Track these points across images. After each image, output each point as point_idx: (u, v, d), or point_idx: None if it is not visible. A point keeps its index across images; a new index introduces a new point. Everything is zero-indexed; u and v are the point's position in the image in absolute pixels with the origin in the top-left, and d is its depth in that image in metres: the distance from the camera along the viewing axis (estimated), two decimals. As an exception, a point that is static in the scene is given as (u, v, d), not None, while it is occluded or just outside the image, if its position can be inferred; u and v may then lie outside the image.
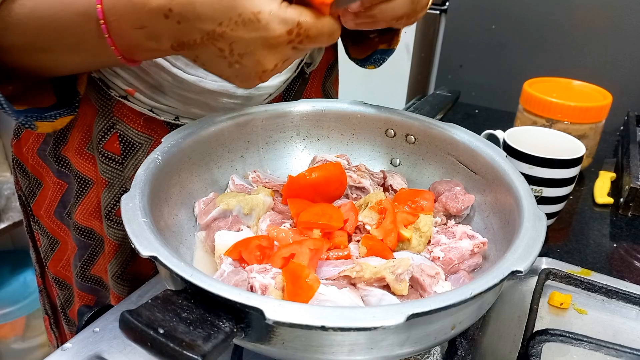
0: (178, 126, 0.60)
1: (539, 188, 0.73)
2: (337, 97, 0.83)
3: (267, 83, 0.60)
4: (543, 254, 0.69)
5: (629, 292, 0.59)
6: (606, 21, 1.41)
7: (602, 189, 0.90)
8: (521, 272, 0.37)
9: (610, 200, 0.87)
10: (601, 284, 0.60)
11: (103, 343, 0.50)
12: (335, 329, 0.31)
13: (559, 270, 0.62)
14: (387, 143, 0.63)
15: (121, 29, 0.43)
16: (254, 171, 0.59)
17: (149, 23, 0.42)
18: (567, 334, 0.51)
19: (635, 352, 0.50)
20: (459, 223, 0.55)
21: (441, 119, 0.70)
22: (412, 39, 1.69)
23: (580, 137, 0.84)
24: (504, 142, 0.76)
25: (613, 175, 0.95)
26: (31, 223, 0.74)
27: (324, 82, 0.78)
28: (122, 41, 0.44)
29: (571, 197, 0.83)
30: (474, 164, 0.56)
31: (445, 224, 0.55)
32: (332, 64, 0.79)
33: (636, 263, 0.73)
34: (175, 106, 0.60)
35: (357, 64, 0.73)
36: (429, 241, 0.51)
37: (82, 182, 0.65)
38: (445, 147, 0.59)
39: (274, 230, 0.50)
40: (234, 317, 0.32)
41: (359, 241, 0.50)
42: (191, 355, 0.29)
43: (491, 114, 1.28)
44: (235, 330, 0.32)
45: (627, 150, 0.96)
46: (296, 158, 0.63)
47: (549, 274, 0.62)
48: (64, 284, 0.76)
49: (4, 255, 1.63)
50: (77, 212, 0.67)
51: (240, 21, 0.40)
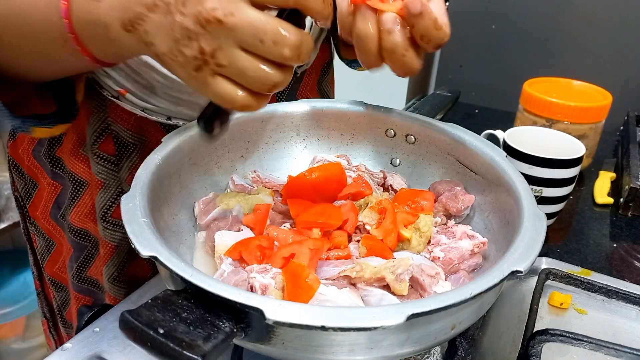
0: (171, 127, 0.60)
1: (539, 188, 0.73)
2: (333, 97, 0.83)
3: None
4: (543, 254, 0.69)
5: (629, 292, 0.59)
6: (606, 21, 1.41)
7: (602, 189, 0.90)
8: (521, 272, 0.37)
9: (610, 200, 0.87)
10: (601, 284, 0.60)
11: (103, 343, 0.50)
12: (335, 329, 0.31)
13: (559, 270, 0.62)
14: (387, 143, 0.63)
15: (75, 20, 0.40)
16: (254, 171, 0.59)
17: (90, 6, 0.39)
18: (567, 334, 0.51)
19: (635, 352, 0.50)
20: (459, 223, 0.55)
21: (441, 119, 0.70)
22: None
23: (580, 137, 0.84)
24: (504, 142, 0.76)
25: (613, 175, 0.95)
26: (28, 225, 0.74)
27: (320, 81, 0.78)
28: (81, 35, 0.41)
29: (571, 197, 0.83)
30: (474, 164, 0.56)
31: (445, 224, 0.55)
32: (328, 63, 0.79)
33: (636, 263, 0.73)
34: (166, 107, 0.60)
35: (346, 64, 0.73)
36: (429, 241, 0.51)
37: (76, 183, 0.65)
38: (445, 147, 0.59)
39: (274, 230, 0.50)
40: (234, 317, 0.32)
41: (359, 241, 0.50)
42: (191, 355, 0.29)
43: (491, 114, 1.28)
44: (235, 330, 0.32)
45: (627, 150, 0.96)
46: (296, 158, 0.63)
47: (549, 274, 0.62)
48: (60, 285, 0.76)
49: (4, 255, 1.63)
50: (72, 213, 0.67)
51: None
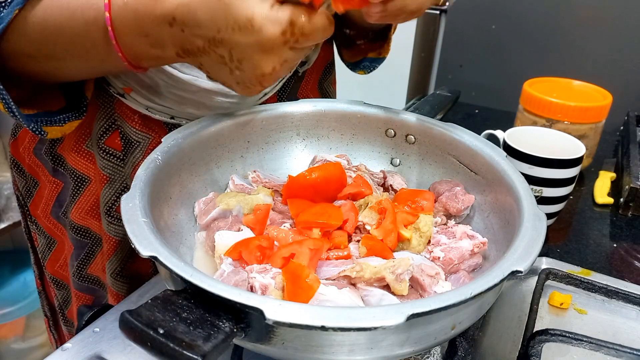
0: (175, 125, 0.60)
1: (539, 188, 0.73)
2: (335, 97, 0.83)
3: None
4: (543, 254, 0.69)
5: (629, 292, 0.59)
6: (606, 21, 1.41)
7: (602, 189, 0.90)
8: (521, 272, 0.37)
9: (610, 200, 0.87)
10: (601, 284, 0.60)
11: (103, 343, 0.50)
12: (335, 329, 0.31)
13: (559, 270, 0.62)
14: (387, 143, 0.63)
15: (127, 36, 0.45)
16: (254, 171, 0.59)
17: (154, 31, 0.44)
18: (567, 334, 0.51)
19: (635, 352, 0.50)
20: (459, 223, 0.55)
21: (441, 119, 0.70)
22: (412, 39, 1.69)
23: (580, 137, 0.84)
24: (504, 142, 0.76)
25: (613, 175, 0.95)
26: (29, 223, 0.74)
27: (321, 81, 0.78)
28: (128, 48, 0.46)
29: (571, 197, 0.83)
30: (474, 164, 0.56)
31: (445, 224, 0.55)
32: (330, 63, 0.79)
33: (636, 263, 0.73)
34: (170, 106, 0.60)
35: (348, 67, 0.74)
36: (429, 241, 0.51)
37: (78, 180, 0.65)
38: (445, 147, 0.59)
39: (274, 230, 0.50)
40: (234, 317, 0.32)
41: (359, 241, 0.50)
42: (191, 355, 0.29)
43: (491, 114, 1.28)
44: (235, 330, 0.32)
45: (627, 150, 0.96)
46: (296, 158, 0.63)
47: (549, 274, 0.62)
48: (61, 284, 0.76)
49: (4, 255, 1.63)
50: (73, 210, 0.67)
51: (237, 27, 0.41)
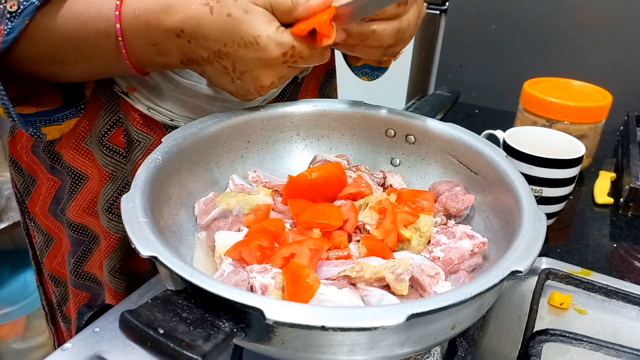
0: (174, 128, 0.61)
1: (539, 188, 0.73)
2: None
3: None
4: (543, 254, 0.69)
5: (629, 292, 0.59)
6: (606, 21, 1.41)
7: (602, 189, 0.90)
8: (521, 272, 0.37)
9: (610, 200, 0.87)
10: (601, 284, 0.60)
11: (103, 343, 0.50)
12: (335, 329, 0.31)
13: (559, 270, 0.62)
14: (387, 143, 0.63)
15: (135, 45, 0.48)
16: (254, 171, 0.59)
17: (162, 41, 0.47)
18: (567, 334, 0.51)
19: (635, 352, 0.50)
20: (459, 223, 0.55)
21: (441, 119, 0.70)
22: (412, 39, 1.69)
23: (580, 137, 0.84)
24: (504, 142, 0.76)
25: (613, 175, 0.95)
26: (27, 221, 0.75)
27: (322, 87, 0.78)
28: (135, 56, 0.49)
29: (571, 197, 0.83)
30: (474, 164, 0.56)
31: (445, 224, 0.55)
32: (331, 70, 0.79)
33: (636, 263, 0.73)
34: (170, 109, 0.61)
35: (352, 71, 0.74)
36: (429, 241, 0.51)
37: (75, 177, 0.65)
38: (445, 147, 0.59)
39: (272, 225, 0.50)
40: (234, 317, 0.32)
41: (359, 241, 0.50)
42: (191, 355, 0.29)
43: (491, 114, 1.28)
44: (235, 330, 0.32)
45: (627, 150, 0.96)
46: (296, 158, 0.63)
47: (549, 274, 0.62)
48: (59, 281, 0.76)
49: (4, 255, 1.63)
50: (70, 208, 0.67)
51: (243, 43, 0.45)
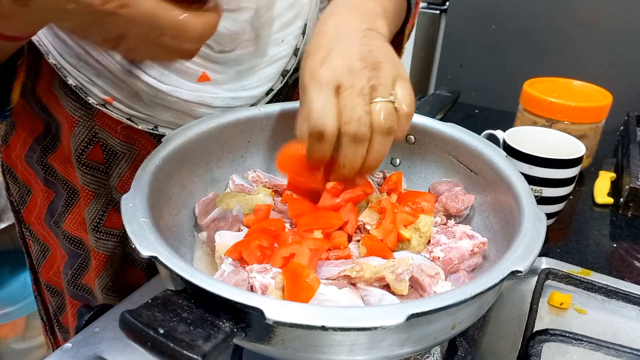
0: (159, 135, 0.58)
1: (539, 188, 0.73)
2: None
3: (245, 93, 0.59)
4: (543, 254, 0.69)
5: (629, 292, 0.59)
6: (606, 21, 1.41)
7: (602, 189, 0.90)
8: (521, 272, 0.37)
9: (610, 200, 0.87)
10: (601, 284, 0.60)
11: (103, 343, 0.50)
12: (335, 329, 0.31)
13: (559, 270, 0.62)
14: (387, 143, 0.63)
15: None
16: (254, 171, 0.59)
17: None
18: (567, 334, 0.51)
19: (635, 352, 0.50)
20: (459, 223, 0.55)
21: (441, 119, 0.70)
22: (412, 39, 1.69)
23: (580, 137, 0.84)
24: (504, 142, 0.76)
25: (613, 175, 0.95)
26: (23, 229, 0.73)
27: None
28: None
29: (571, 197, 0.83)
30: (474, 164, 0.56)
31: (445, 224, 0.55)
32: None
33: (636, 263, 0.73)
34: (153, 115, 0.58)
35: None
36: (429, 241, 0.51)
37: (70, 191, 0.64)
38: (445, 147, 0.59)
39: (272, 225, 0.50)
40: (234, 317, 0.32)
41: (359, 241, 0.50)
42: (191, 355, 0.29)
43: (491, 114, 1.28)
44: (235, 330, 0.32)
45: (627, 150, 0.96)
46: (296, 158, 0.63)
47: (549, 274, 0.62)
48: (55, 290, 0.75)
49: (4, 255, 1.62)
50: (67, 221, 0.66)
51: None
